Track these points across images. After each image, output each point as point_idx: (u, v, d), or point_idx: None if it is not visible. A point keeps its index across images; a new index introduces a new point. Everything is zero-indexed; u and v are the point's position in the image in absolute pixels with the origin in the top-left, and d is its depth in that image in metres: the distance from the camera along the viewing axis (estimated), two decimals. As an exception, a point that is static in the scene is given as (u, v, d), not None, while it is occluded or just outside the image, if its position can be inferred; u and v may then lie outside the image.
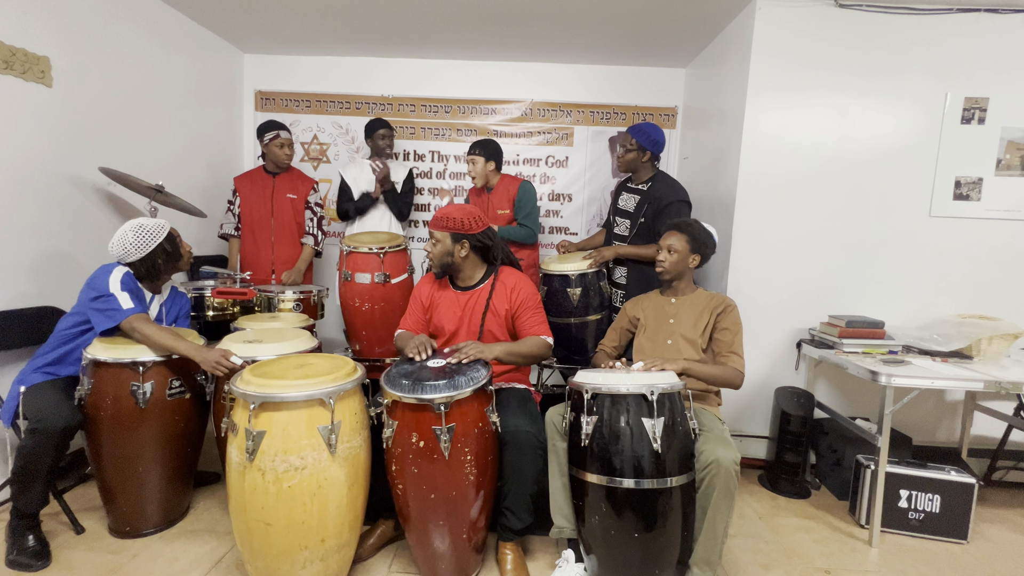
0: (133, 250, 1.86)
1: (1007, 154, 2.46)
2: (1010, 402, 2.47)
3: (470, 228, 1.84)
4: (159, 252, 1.91)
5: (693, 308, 1.93)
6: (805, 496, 2.37)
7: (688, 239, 1.92)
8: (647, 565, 1.51)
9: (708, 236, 1.96)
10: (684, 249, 1.92)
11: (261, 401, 1.42)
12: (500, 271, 1.93)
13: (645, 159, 2.45)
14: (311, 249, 2.95)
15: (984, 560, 1.94)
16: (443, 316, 1.93)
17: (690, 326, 1.90)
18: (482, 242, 1.88)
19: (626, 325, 2.08)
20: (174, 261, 1.98)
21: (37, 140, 2.13)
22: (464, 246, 1.85)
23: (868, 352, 2.26)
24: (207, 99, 3.19)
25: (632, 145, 2.44)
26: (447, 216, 1.83)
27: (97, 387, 1.76)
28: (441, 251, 1.85)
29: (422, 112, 3.52)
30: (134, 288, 1.86)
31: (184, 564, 1.73)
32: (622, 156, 2.49)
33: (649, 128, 2.43)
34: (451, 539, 1.58)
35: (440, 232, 1.84)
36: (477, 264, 1.93)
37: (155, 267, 1.92)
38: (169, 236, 1.95)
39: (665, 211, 2.37)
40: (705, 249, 1.95)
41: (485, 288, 1.91)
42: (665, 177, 2.49)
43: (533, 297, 1.91)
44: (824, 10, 2.40)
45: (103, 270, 1.85)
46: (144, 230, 1.88)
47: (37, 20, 2.11)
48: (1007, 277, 2.50)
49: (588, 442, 1.53)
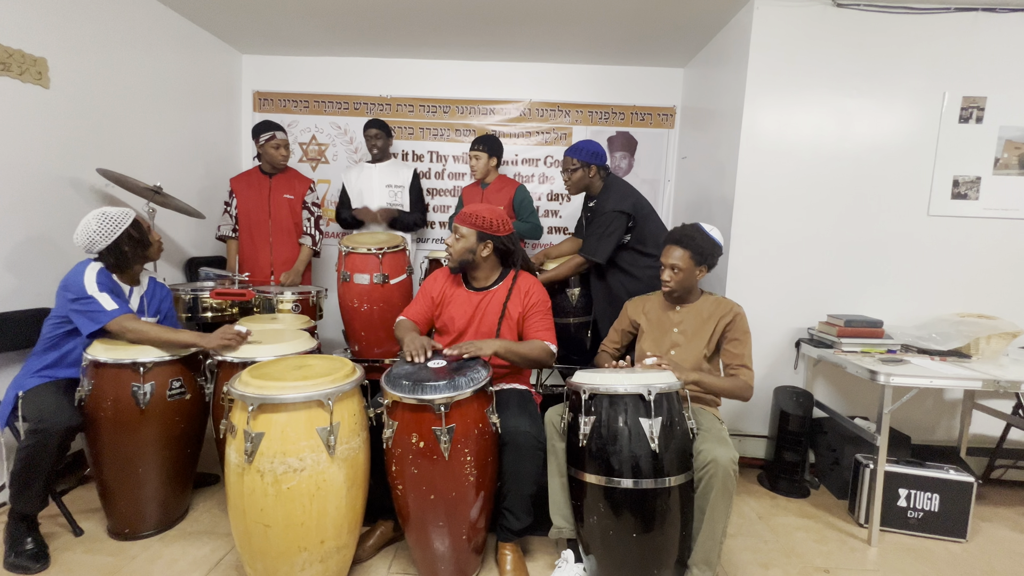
0: (98, 239, 1.81)
1: (1005, 153, 2.46)
2: (1009, 400, 2.47)
3: (497, 230, 1.85)
4: (125, 239, 1.85)
5: (698, 317, 1.88)
6: (804, 495, 2.38)
7: (692, 254, 1.81)
8: (646, 565, 1.51)
9: (713, 245, 1.84)
10: (689, 265, 1.82)
11: (260, 403, 1.42)
12: (519, 275, 1.93)
13: (592, 174, 2.38)
14: (309, 250, 2.95)
15: (983, 559, 1.95)
16: (454, 313, 1.92)
17: (695, 336, 1.86)
18: (505, 245, 1.89)
19: (627, 327, 2.06)
20: (142, 249, 1.93)
21: (34, 141, 2.13)
22: (488, 246, 1.85)
23: (867, 351, 2.26)
24: (205, 100, 3.18)
25: (575, 164, 2.37)
26: (477, 214, 1.83)
27: (97, 388, 1.75)
28: (464, 247, 1.85)
29: (420, 112, 3.51)
30: (111, 285, 1.83)
31: (183, 566, 1.73)
32: (568, 179, 2.41)
33: (585, 144, 2.39)
34: (451, 540, 1.58)
35: (467, 228, 1.84)
36: (495, 266, 1.93)
37: (123, 256, 1.87)
38: (135, 223, 1.89)
39: (596, 219, 2.31)
40: (712, 259, 1.85)
41: (500, 291, 1.90)
42: (613, 186, 2.38)
43: (544, 303, 1.91)
44: (822, 10, 2.40)
45: (75, 270, 1.81)
46: (108, 217, 1.83)
47: (34, 21, 2.10)
48: (1005, 276, 2.51)
49: (586, 442, 1.53)
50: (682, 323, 1.90)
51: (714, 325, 1.84)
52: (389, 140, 3.09)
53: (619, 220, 2.29)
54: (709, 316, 1.86)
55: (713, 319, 1.85)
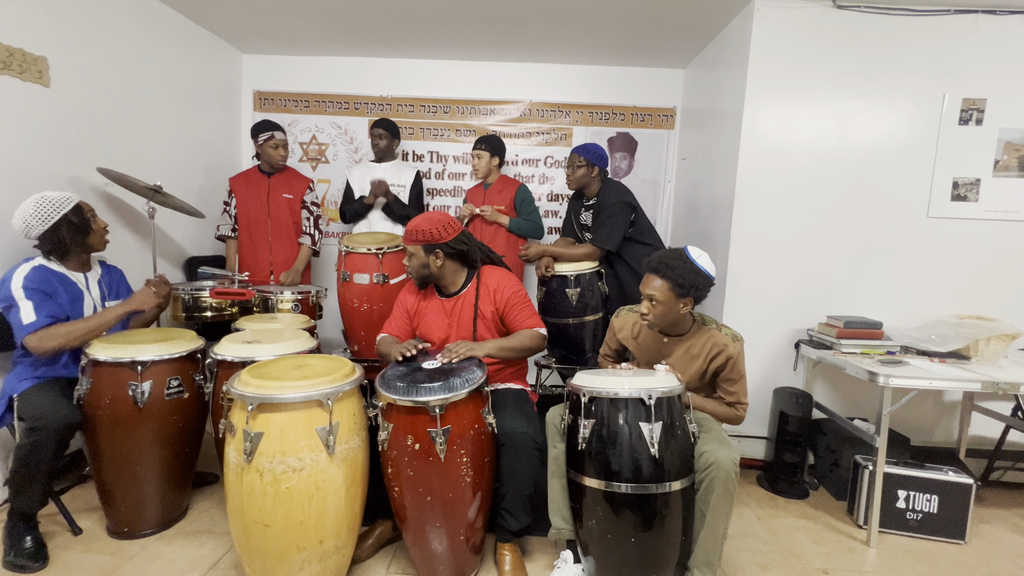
0: (35, 223, 1.76)
1: (1005, 155, 2.46)
2: (1008, 402, 2.47)
3: (440, 237, 1.80)
4: (63, 224, 1.79)
5: (687, 354, 1.75)
6: (803, 496, 2.38)
7: (671, 285, 1.61)
8: (646, 566, 1.51)
9: (696, 275, 1.62)
10: (668, 297, 1.63)
11: (259, 402, 1.42)
12: (481, 272, 1.91)
13: (595, 174, 2.54)
14: (308, 249, 2.95)
15: (982, 560, 1.95)
16: (430, 326, 1.92)
17: (685, 372, 1.74)
18: (456, 248, 1.84)
19: (615, 346, 1.97)
20: (82, 235, 1.86)
21: (35, 140, 2.12)
22: (438, 255, 1.83)
23: (866, 353, 2.26)
24: (205, 99, 3.18)
25: (581, 162, 2.52)
26: (415, 229, 1.81)
27: (96, 386, 1.75)
28: (417, 264, 1.84)
29: (421, 112, 3.51)
30: (39, 287, 1.74)
31: (182, 565, 1.73)
32: (572, 174, 2.57)
33: (592, 146, 2.55)
34: (449, 540, 1.58)
35: (412, 246, 1.83)
36: (457, 270, 1.90)
37: (61, 242, 1.81)
38: (76, 208, 1.84)
39: (604, 212, 2.46)
40: (696, 291, 1.64)
41: (469, 293, 1.89)
42: (611, 184, 2.58)
43: (518, 292, 1.89)
44: (822, 11, 2.40)
45: (11, 270, 1.75)
46: (46, 201, 1.77)
47: (35, 20, 2.10)
48: (1005, 278, 2.51)
49: (585, 445, 1.53)
50: (672, 355, 1.78)
51: (705, 365, 1.72)
52: (394, 141, 3.05)
53: (625, 211, 2.45)
54: (698, 353, 1.73)
55: (701, 357, 1.72)
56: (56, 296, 1.80)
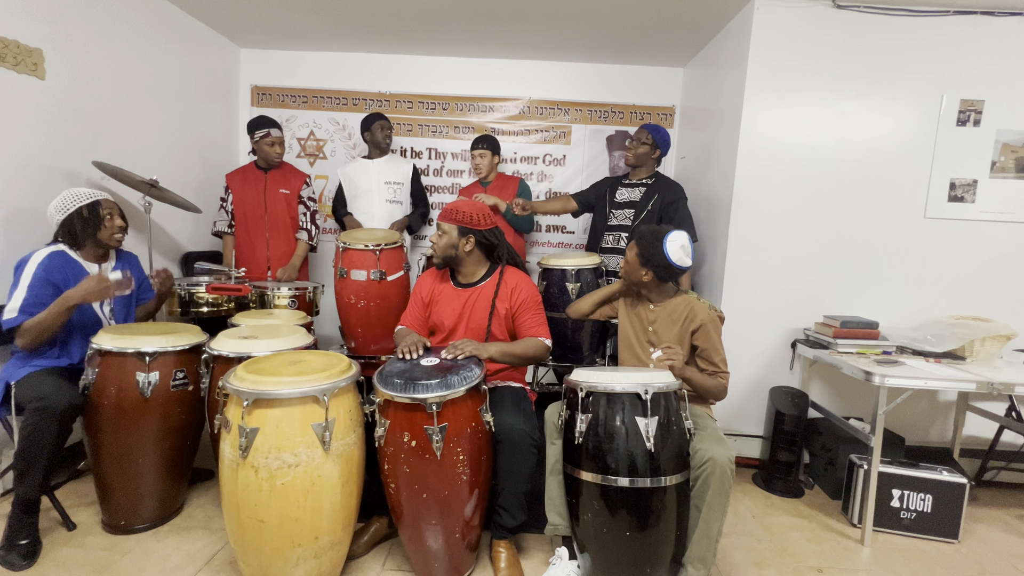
0: (54, 212, 1.89)
1: (1002, 156, 2.47)
2: (1002, 403, 2.48)
3: (478, 224, 1.85)
4: (75, 216, 1.89)
5: (669, 318, 1.85)
6: (798, 495, 2.39)
7: (637, 253, 1.82)
8: (640, 563, 1.51)
9: (661, 257, 1.75)
10: (634, 262, 1.83)
11: (255, 398, 1.41)
12: (505, 271, 1.93)
13: (655, 155, 2.62)
14: (305, 245, 2.94)
15: (975, 559, 1.96)
16: (442, 311, 1.92)
17: (669, 336, 1.84)
18: (488, 240, 1.89)
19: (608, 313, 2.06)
20: (92, 229, 1.92)
21: (29, 133, 2.11)
22: (469, 241, 1.86)
23: (862, 352, 2.27)
24: (202, 93, 3.16)
25: (648, 140, 2.59)
26: (457, 209, 1.85)
27: (102, 376, 1.76)
28: (446, 243, 1.86)
29: (419, 109, 3.50)
30: (49, 276, 1.80)
31: (176, 561, 1.72)
32: (635, 148, 2.61)
33: (662, 129, 2.64)
34: (444, 538, 1.58)
35: (448, 224, 1.85)
36: (480, 261, 1.92)
37: (73, 232, 1.90)
38: (92, 205, 1.91)
39: (673, 205, 2.52)
40: (659, 270, 1.78)
41: (488, 287, 1.90)
42: (665, 176, 2.67)
43: (534, 297, 1.91)
44: (822, 11, 2.40)
45: (35, 251, 1.84)
46: (69, 194, 1.90)
47: (30, 12, 2.08)
48: (1001, 279, 2.51)
49: (582, 440, 1.54)
50: (655, 322, 1.88)
51: (682, 328, 1.81)
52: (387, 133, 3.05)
53: (687, 205, 2.56)
54: (679, 318, 1.82)
55: (681, 322, 1.81)
56: (65, 287, 1.82)
